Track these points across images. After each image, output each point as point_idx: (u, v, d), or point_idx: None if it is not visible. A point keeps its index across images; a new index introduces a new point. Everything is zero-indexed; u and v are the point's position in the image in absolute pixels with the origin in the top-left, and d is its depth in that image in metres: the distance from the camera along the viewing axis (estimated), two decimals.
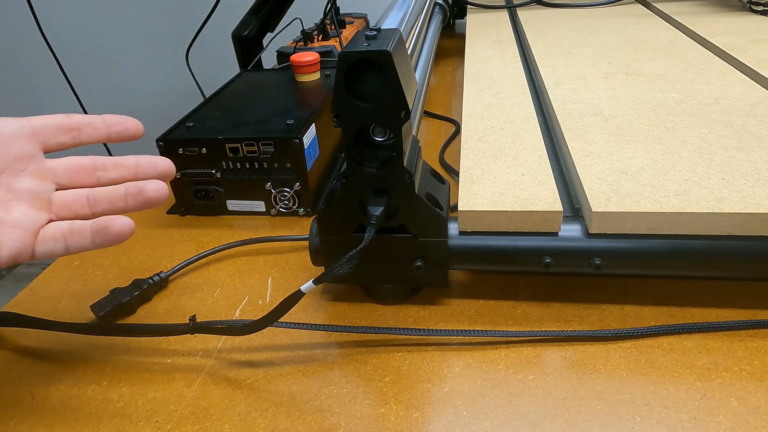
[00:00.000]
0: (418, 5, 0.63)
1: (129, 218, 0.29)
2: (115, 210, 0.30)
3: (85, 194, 0.30)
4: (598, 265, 0.32)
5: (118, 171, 0.31)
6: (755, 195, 0.32)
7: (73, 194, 0.30)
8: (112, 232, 0.29)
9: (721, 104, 0.44)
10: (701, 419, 0.28)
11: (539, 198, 0.33)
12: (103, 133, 0.31)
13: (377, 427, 0.29)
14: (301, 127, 0.47)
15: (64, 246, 0.29)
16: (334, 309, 0.38)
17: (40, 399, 0.33)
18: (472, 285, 0.39)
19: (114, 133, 0.31)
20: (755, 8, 0.72)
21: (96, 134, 0.31)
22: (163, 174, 0.31)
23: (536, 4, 0.89)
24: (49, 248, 0.29)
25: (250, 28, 0.76)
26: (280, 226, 0.49)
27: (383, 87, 0.29)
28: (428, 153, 0.58)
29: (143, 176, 0.31)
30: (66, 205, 0.30)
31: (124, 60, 1.45)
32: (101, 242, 0.29)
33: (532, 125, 0.44)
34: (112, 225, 0.29)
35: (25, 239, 0.28)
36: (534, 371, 0.32)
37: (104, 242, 0.29)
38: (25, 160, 0.29)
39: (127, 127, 0.31)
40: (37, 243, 0.28)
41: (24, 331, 0.38)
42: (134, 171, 0.31)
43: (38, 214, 0.29)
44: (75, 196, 0.30)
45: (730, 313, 0.35)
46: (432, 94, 0.76)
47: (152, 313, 0.39)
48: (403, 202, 0.33)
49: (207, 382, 0.33)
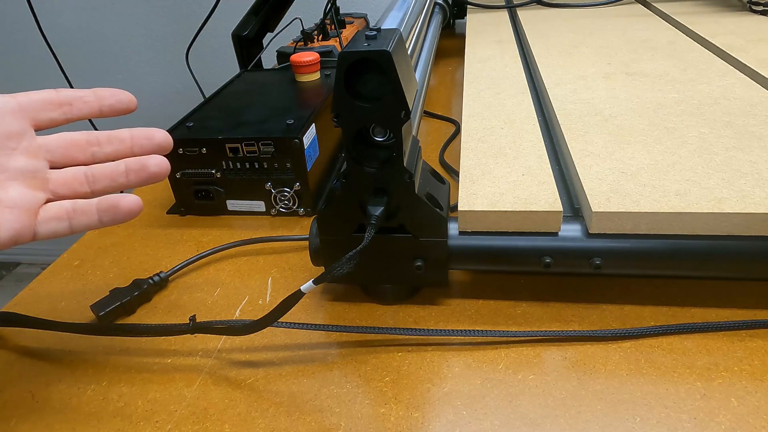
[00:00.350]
0: (418, 5, 0.63)
1: (136, 195, 0.29)
2: (116, 187, 0.29)
3: (83, 171, 0.29)
4: (598, 265, 0.32)
5: (113, 145, 0.30)
6: (755, 195, 0.32)
7: (71, 172, 0.29)
8: (121, 210, 0.28)
9: (721, 104, 0.44)
10: (701, 419, 0.28)
11: (539, 198, 0.33)
12: (95, 107, 0.30)
13: (377, 427, 0.29)
14: (301, 127, 0.47)
15: (68, 225, 0.28)
16: (334, 309, 0.38)
17: (40, 399, 0.33)
18: (472, 285, 0.39)
19: (106, 107, 0.30)
20: (755, 8, 0.72)
21: (87, 108, 0.30)
22: (160, 146, 0.30)
23: (536, 4, 0.89)
24: (52, 228, 0.28)
25: (250, 28, 0.76)
26: (280, 226, 0.49)
27: (383, 87, 0.29)
28: (428, 153, 0.58)
29: (139, 149, 0.30)
30: (64, 183, 0.29)
31: (124, 60, 1.44)
32: (109, 221, 0.28)
33: (532, 125, 0.44)
34: (121, 203, 0.28)
35: (24, 219, 0.27)
36: (534, 371, 0.32)
37: (112, 221, 0.28)
38: (15, 138, 0.28)
39: (119, 99, 0.30)
40: (38, 223, 0.28)
41: (24, 331, 0.38)
42: (129, 144, 0.30)
43: (34, 193, 0.28)
44: (74, 173, 0.29)
45: (730, 313, 0.35)
46: (432, 94, 0.76)
47: (152, 313, 0.39)
48: (403, 202, 0.33)
49: (207, 382, 0.33)
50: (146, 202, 0.55)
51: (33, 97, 0.29)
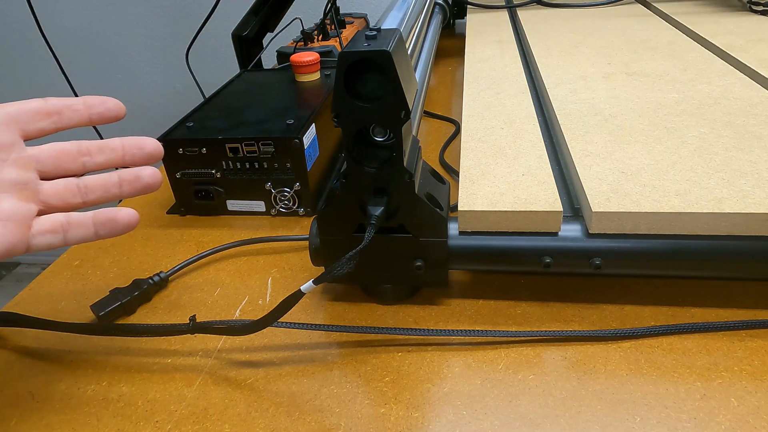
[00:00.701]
0: (418, 5, 0.63)
1: (133, 209, 0.29)
2: (109, 197, 0.29)
3: (75, 182, 0.29)
4: (598, 265, 0.32)
5: (104, 155, 0.30)
6: (755, 195, 0.32)
7: (63, 183, 0.29)
8: (119, 224, 0.28)
9: (721, 104, 0.44)
10: (701, 419, 0.28)
11: (539, 198, 0.33)
12: (84, 116, 0.30)
13: (377, 427, 0.29)
14: (301, 127, 0.47)
15: (63, 238, 0.28)
16: (334, 309, 0.38)
17: (40, 399, 0.33)
18: (472, 285, 0.39)
19: (95, 115, 0.30)
20: (755, 8, 0.72)
21: (77, 117, 0.30)
22: (150, 155, 0.30)
23: (536, 4, 0.89)
24: (47, 241, 0.28)
25: (250, 28, 0.76)
26: (280, 226, 0.49)
27: (383, 87, 0.29)
28: (428, 153, 0.58)
29: (130, 159, 0.30)
30: (56, 194, 0.29)
31: (124, 60, 1.44)
32: (105, 234, 0.28)
33: (532, 125, 0.44)
34: (119, 216, 0.28)
35: (18, 232, 0.27)
36: (534, 371, 0.32)
37: (109, 234, 0.28)
38: (5, 150, 0.28)
39: (108, 107, 0.30)
40: (32, 236, 0.28)
41: (24, 331, 0.38)
42: (120, 154, 0.30)
43: (27, 205, 0.28)
44: (65, 184, 0.29)
45: (730, 313, 0.35)
46: (432, 94, 0.76)
47: (152, 313, 0.39)
48: (403, 202, 0.33)
49: (207, 382, 0.33)
50: (146, 202, 0.55)
51: (23, 107, 0.29)
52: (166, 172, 0.50)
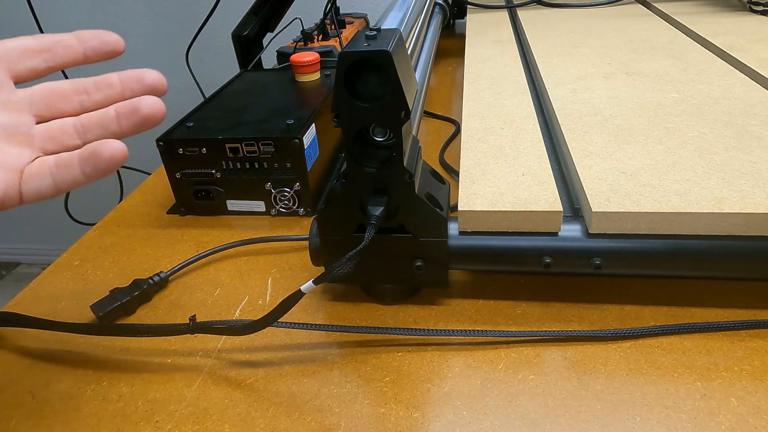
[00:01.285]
0: (418, 5, 0.63)
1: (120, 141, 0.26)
2: (108, 135, 0.26)
3: (71, 122, 0.27)
4: (598, 265, 0.32)
5: (102, 92, 0.27)
6: (755, 195, 0.32)
7: (58, 124, 0.27)
8: (102, 158, 0.25)
9: (721, 104, 0.44)
10: (701, 419, 0.28)
11: (539, 198, 0.33)
12: (78, 51, 0.27)
13: (377, 427, 0.29)
14: (301, 127, 0.47)
15: (52, 183, 0.25)
16: (334, 309, 0.38)
17: (40, 399, 0.33)
18: (472, 285, 0.39)
19: (90, 50, 0.27)
20: (755, 8, 0.72)
21: (70, 54, 0.27)
22: (152, 87, 0.27)
23: (536, 4, 0.89)
24: (36, 186, 0.25)
25: (250, 28, 0.76)
26: (280, 226, 0.49)
27: (383, 87, 0.29)
28: (428, 153, 0.58)
29: (129, 92, 0.27)
30: (52, 137, 0.26)
31: (124, 60, 1.44)
32: (91, 172, 0.25)
33: (532, 125, 0.44)
34: (102, 150, 0.25)
35: (10, 180, 0.25)
36: (534, 371, 0.32)
37: (95, 171, 0.25)
38: None
39: (104, 40, 0.27)
40: (22, 182, 0.25)
41: (24, 331, 0.38)
42: (119, 89, 0.27)
43: (20, 151, 0.26)
44: (61, 125, 0.27)
45: (730, 313, 0.35)
46: (432, 94, 0.76)
47: (152, 313, 0.39)
48: (403, 202, 0.33)
49: (207, 382, 0.33)
50: (146, 202, 0.55)
51: (9, 45, 0.26)
52: (166, 172, 0.50)
